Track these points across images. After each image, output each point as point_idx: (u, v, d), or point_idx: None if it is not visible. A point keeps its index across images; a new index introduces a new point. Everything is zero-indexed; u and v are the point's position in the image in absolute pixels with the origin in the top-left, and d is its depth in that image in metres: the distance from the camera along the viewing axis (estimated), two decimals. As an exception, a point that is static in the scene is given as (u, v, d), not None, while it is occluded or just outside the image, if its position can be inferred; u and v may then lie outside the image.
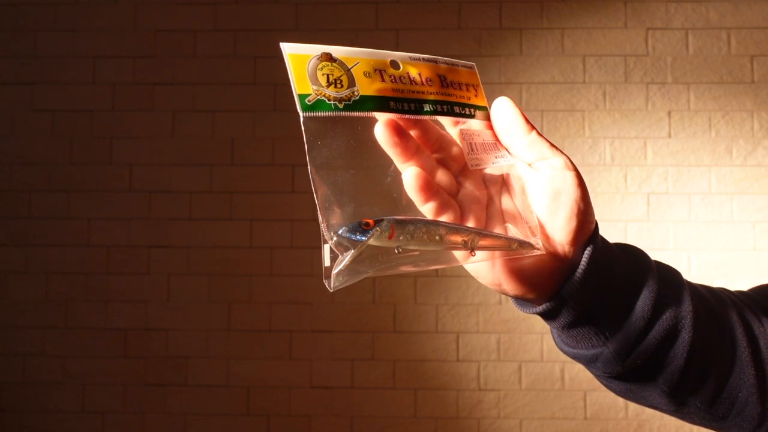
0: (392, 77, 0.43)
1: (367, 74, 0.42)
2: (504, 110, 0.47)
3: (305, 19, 2.10)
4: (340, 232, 0.40)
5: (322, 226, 0.39)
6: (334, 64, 0.41)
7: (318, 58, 0.41)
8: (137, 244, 2.06)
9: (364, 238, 0.39)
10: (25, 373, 2.05)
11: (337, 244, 0.40)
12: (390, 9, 2.10)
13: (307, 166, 0.40)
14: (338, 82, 0.41)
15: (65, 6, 2.13)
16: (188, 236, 2.06)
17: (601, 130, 2.06)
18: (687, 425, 1.90)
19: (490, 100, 0.48)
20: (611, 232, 2.02)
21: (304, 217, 2.05)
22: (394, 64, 0.44)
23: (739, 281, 2.00)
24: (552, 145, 0.47)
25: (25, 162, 2.10)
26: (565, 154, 0.47)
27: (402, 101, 0.43)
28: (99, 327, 2.05)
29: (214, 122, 2.09)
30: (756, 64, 2.05)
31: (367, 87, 0.42)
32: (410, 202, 0.45)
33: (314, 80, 0.40)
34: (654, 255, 0.72)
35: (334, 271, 0.40)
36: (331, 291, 0.40)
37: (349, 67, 0.41)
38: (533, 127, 0.47)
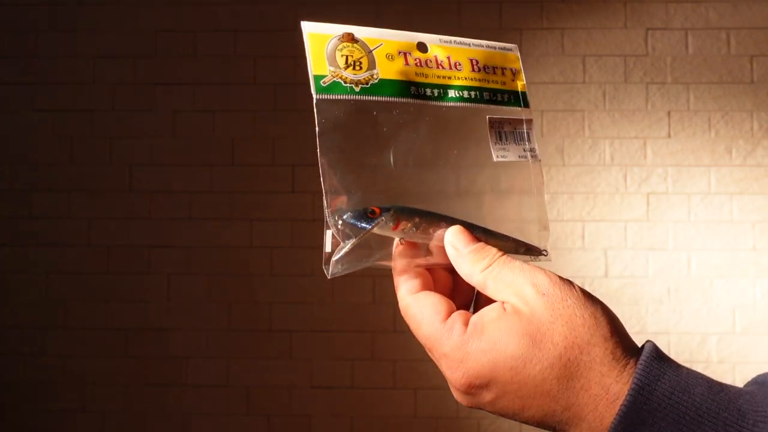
0: (417, 60, 0.41)
1: (389, 57, 0.40)
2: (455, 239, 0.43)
3: (305, 20, 2.10)
4: (345, 217, 0.38)
5: (327, 212, 0.38)
6: (355, 45, 0.40)
7: (339, 39, 0.40)
8: (137, 244, 2.06)
9: (368, 226, 0.38)
10: (25, 373, 2.05)
11: (340, 231, 0.38)
12: (390, 9, 2.10)
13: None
14: (357, 64, 0.39)
15: (65, 6, 2.13)
16: (188, 236, 2.06)
17: (601, 130, 2.06)
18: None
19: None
20: (611, 232, 2.02)
21: (304, 217, 2.05)
22: (422, 46, 0.42)
23: (739, 281, 2.00)
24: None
25: (25, 162, 2.10)
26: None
27: (424, 86, 0.41)
28: (99, 327, 2.05)
29: (214, 122, 2.09)
30: (755, 64, 2.05)
31: (387, 69, 0.40)
32: (420, 194, 0.43)
33: (332, 61, 0.39)
34: (654, 255, 0.72)
35: (334, 258, 0.39)
36: (329, 278, 0.39)
37: (371, 48, 0.40)
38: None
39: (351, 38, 0.40)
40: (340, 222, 0.38)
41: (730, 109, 2.05)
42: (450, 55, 0.42)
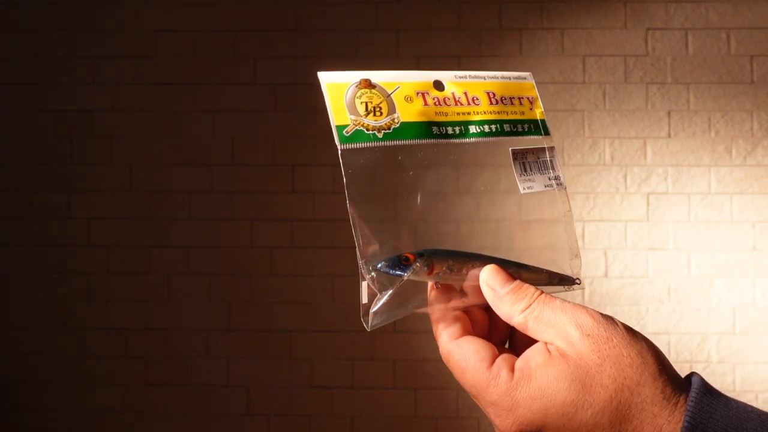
0: (436, 100, 0.42)
1: (408, 99, 0.41)
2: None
3: (305, 19, 2.11)
4: (378, 266, 0.38)
5: (361, 263, 0.38)
6: (373, 90, 0.40)
7: (357, 86, 0.40)
8: (137, 244, 2.06)
9: (403, 273, 0.38)
10: (25, 373, 2.05)
11: (375, 281, 0.38)
12: (390, 9, 2.10)
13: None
14: (377, 110, 0.40)
15: (65, 6, 2.13)
16: (188, 236, 2.06)
17: (601, 130, 2.06)
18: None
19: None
20: (611, 232, 2.02)
21: (304, 217, 2.05)
22: (438, 84, 0.43)
23: (739, 281, 2.00)
24: None
25: (25, 162, 2.10)
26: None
27: (445, 125, 0.42)
28: (99, 327, 2.05)
29: (214, 122, 2.09)
30: (755, 64, 2.05)
31: (408, 112, 0.40)
32: (450, 234, 0.43)
33: (352, 110, 0.39)
34: (654, 255, 0.73)
35: (372, 310, 0.39)
36: (369, 330, 0.39)
37: (389, 92, 0.40)
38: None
39: (368, 84, 0.40)
40: (374, 271, 0.38)
41: (730, 109, 2.05)
42: (467, 91, 0.43)
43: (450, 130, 0.42)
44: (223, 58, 2.11)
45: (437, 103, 0.42)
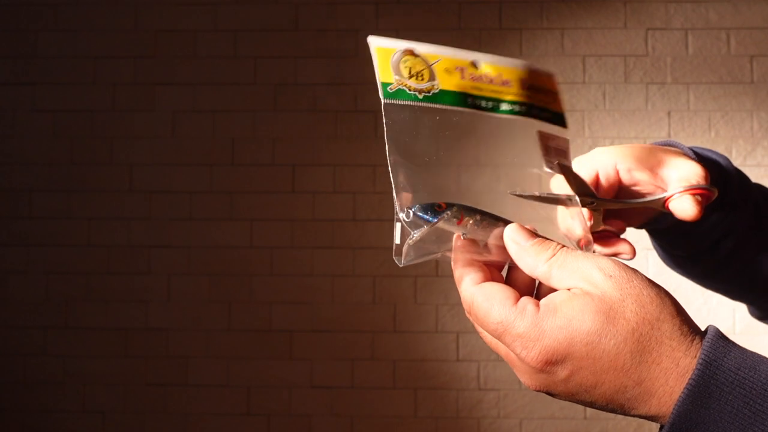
0: (472, 76, 0.45)
1: (447, 71, 0.44)
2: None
3: (305, 19, 2.11)
4: (413, 209, 0.42)
5: (396, 205, 0.42)
6: (416, 59, 0.43)
7: (401, 53, 0.43)
8: (137, 244, 2.06)
9: (434, 219, 0.42)
10: (25, 373, 2.05)
11: (410, 223, 0.42)
12: (390, 9, 2.10)
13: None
14: (419, 75, 0.43)
15: (65, 6, 2.13)
16: (188, 236, 2.06)
17: (601, 130, 2.06)
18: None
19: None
20: (611, 232, 2.02)
21: (304, 217, 2.05)
22: (475, 64, 0.46)
23: (739, 281, 2.00)
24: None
25: (25, 162, 2.10)
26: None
27: (479, 98, 0.45)
28: (99, 327, 2.05)
29: (214, 122, 2.09)
30: (755, 64, 2.05)
31: (446, 82, 0.44)
32: (480, 194, 0.46)
33: (397, 71, 0.42)
34: (654, 255, 0.73)
35: (405, 246, 0.42)
36: (401, 266, 0.42)
37: (431, 63, 0.43)
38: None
39: (412, 53, 0.44)
40: (409, 213, 0.42)
41: (730, 109, 2.05)
42: (501, 73, 0.46)
43: (483, 104, 0.45)
44: (223, 58, 2.11)
45: (474, 78, 0.45)
